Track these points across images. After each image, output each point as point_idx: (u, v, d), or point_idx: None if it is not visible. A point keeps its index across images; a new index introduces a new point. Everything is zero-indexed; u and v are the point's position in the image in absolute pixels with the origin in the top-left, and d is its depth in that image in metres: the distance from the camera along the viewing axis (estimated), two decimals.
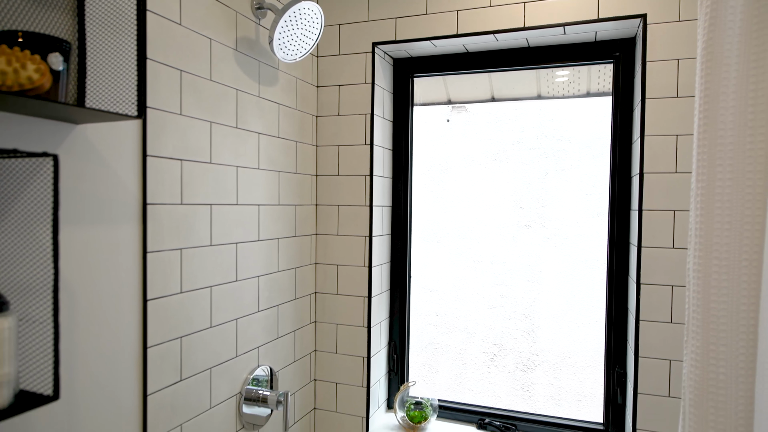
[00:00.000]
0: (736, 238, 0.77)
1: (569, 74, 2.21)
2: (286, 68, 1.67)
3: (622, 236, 1.70)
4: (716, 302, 0.78)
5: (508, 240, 2.61)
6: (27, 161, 0.84)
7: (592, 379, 2.23)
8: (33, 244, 0.86)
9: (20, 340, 0.81)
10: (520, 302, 2.58)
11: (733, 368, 0.78)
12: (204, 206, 1.32)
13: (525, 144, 2.63)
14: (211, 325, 1.35)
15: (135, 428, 1.14)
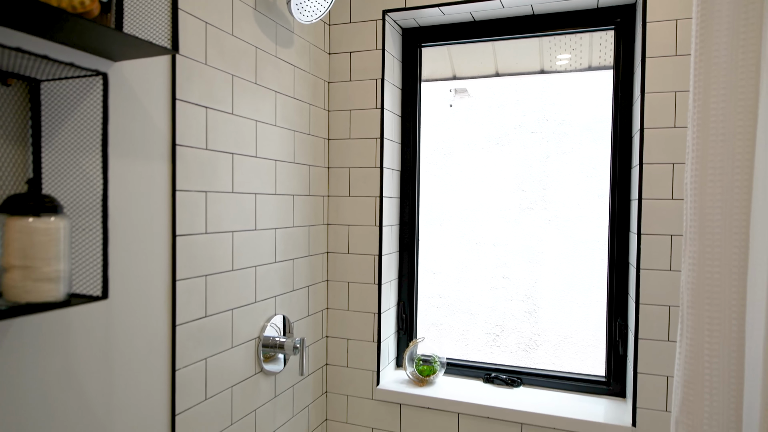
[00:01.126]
0: (729, 149, 0.84)
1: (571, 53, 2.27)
2: (301, 32, 1.74)
3: (624, 191, 1.77)
4: (711, 208, 0.85)
5: (510, 222, 2.65)
6: (77, 82, 0.91)
7: (593, 358, 2.29)
8: (83, 160, 0.93)
9: (72, 246, 0.88)
10: (522, 283, 2.62)
11: (727, 266, 0.85)
12: (226, 154, 1.39)
13: (527, 128, 2.68)
14: (232, 268, 1.43)
15: (165, 355, 1.21)
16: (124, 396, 1.11)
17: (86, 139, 0.93)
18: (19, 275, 0.78)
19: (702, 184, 0.86)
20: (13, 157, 0.87)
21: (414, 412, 1.87)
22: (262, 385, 1.58)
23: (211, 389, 1.36)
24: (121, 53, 0.99)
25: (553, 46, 2.36)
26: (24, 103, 0.89)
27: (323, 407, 1.97)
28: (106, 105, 0.87)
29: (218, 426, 1.39)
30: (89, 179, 0.93)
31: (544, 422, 1.68)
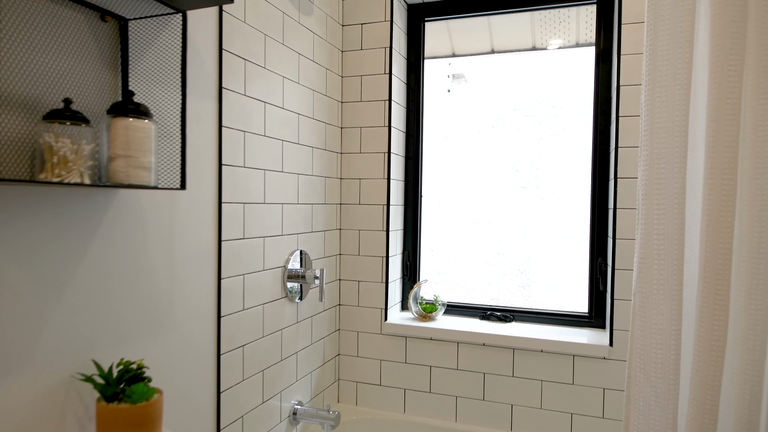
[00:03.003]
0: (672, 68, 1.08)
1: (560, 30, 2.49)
2: (319, 4, 1.97)
3: (605, 142, 2.00)
4: (659, 120, 1.09)
5: (505, 201, 2.84)
6: (155, 21, 1.14)
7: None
8: (159, 84, 1.16)
9: (158, 149, 1.11)
10: (516, 259, 2.81)
11: (671, 163, 1.09)
12: (259, 102, 1.62)
13: (521, 111, 2.89)
14: (264, 201, 1.65)
15: (213, 264, 1.44)
16: (181, 293, 1.33)
17: (162, 66, 1.16)
18: (122, 163, 1.00)
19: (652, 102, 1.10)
20: (109, 78, 1.10)
21: (418, 344, 2.10)
22: (287, 310, 1.81)
23: (247, 302, 1.58)
24: (187, 2, 1.21)
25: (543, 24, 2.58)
26: (116, 36, 1.12)
27: (336, 343, 2.20)
28: (185, 37, 1.10)
29: (253, 335, 1.61)
30: (166, 100, 1.15)
31: (534, 346, 1.92)
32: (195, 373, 1.39)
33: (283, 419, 1.80)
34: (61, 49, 1.00)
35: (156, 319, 1.25)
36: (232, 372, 1.52)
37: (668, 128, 1.08)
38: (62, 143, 0.92)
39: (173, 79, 1.16)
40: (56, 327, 1.02)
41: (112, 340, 1.14)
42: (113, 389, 1.03)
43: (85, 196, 1.06)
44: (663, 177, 1.10)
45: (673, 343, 1.13)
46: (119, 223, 1.14)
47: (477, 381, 2.02)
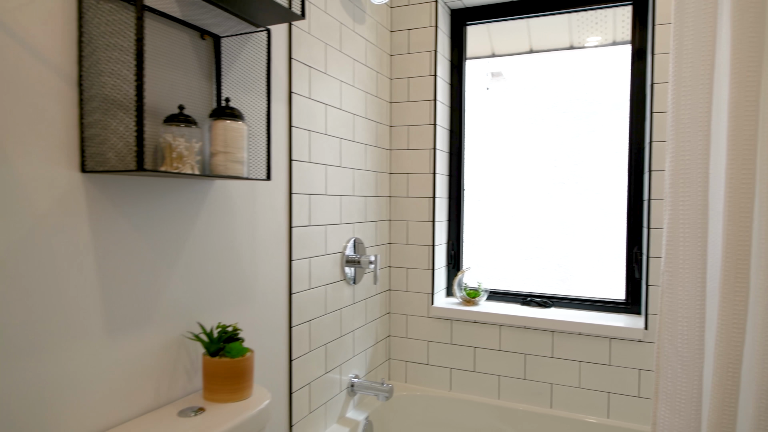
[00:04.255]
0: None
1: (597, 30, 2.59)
2: (371, 12, 2.15)
3: (640, 136, 2.11)
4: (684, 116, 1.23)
5: (543, 196, 2.94)
6: (241, 38, 1.34)
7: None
8: (244, 90, 1.36)
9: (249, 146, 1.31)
10: (555, 253, 2.91)
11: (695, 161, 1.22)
12: (321, 104, 1.81)
13: (559, 108, 2.97)
14: (326, 192, 1.85)
15: (285, 248, 1.64)
16: (261, 270, 1.54)
17: (247, 75, 1.36)
18: (222, 158, 1.21)
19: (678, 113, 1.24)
20: (207, 87, 1.31)
21: (463, 326, 2.26)
22: (345, 292, 2.00)
23: (313, 282, 1.78)
24: (265, 19, 1.41)
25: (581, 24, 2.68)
26: (211, 52, 1.33)
27: (387, 325, 2.38)
28: (269, 51, 1.30)
29: (317, 312, 1.82)
30: (251, 104, 1.36)
31: (572, 329, 2.05)
32: (272, 341, 1.60)
33: (343, 390, 2.00)
34: (173, 64, 1.21)
35: (242, 292, 1.47)
36: (301, 343, 1.73)
37: (692, 124, 1.21)
38: (178, 142, 1.13)
39: (257, 86, 1.37)
40: (170, 293, 1.24)
41: (210, 307, 1.35)
42: (216, 346, 1.24)
43: (192, 185, 1.28)
44: (688, 168, 1.23)
45: (698, 316, 1.26)
46: (215, 208, 1.36)
47: (518, 361, 2.16)
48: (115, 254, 1.10)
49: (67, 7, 0.99)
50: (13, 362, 0.92)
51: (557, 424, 2.07)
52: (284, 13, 1.33)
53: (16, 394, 0.92)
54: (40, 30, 0.94)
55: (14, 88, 0.91)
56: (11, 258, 0.91)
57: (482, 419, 2.18)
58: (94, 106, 1.03)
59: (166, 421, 1.13)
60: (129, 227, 1.13)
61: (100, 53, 1.03)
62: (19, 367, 0.93)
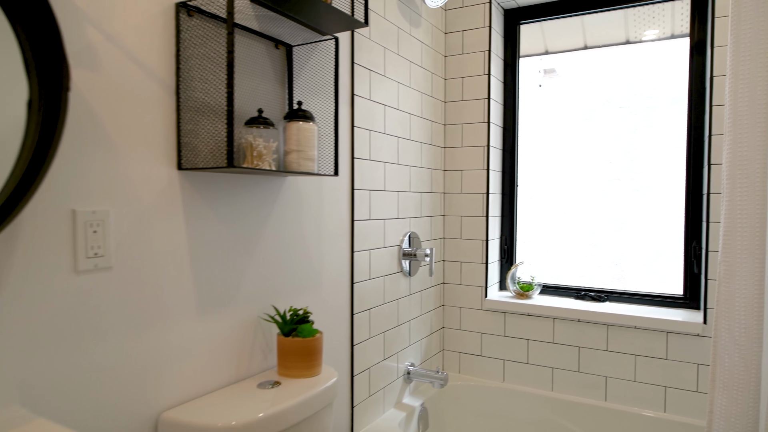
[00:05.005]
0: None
1: (655, 24, 2.56)
2: (426, 16, 2.24)
3: (699, 130, 2.10)
4: (742, 108, 1.25)
5: (598, 193, 2.90)
6: (310, 46, 1.46)
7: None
8: (315, 89, 1.48)
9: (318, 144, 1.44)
10: (610, 250, 2.88)
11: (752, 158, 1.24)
12: (380, 105, 1.92)
13: (614, 103, 2.94)
14: (384, 188, 1.95)
15: (347, 240, 1.76)
16: (326, 260, 1.66)
17: (315, 79, 1.48)
18: (295, 156, 1.33)
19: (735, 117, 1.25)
20: (280, 91, 1.44)
21: (516, 319, 2.31)
22: (402, 283, 2.10)
23: (372, 273, 1.89)
24: (332, 28, 1.53)
25: (637, 18, 2.65)
26: (284, 59, 1.46)
27: (441, 316, 2.47)
28: (337, 57, 1.41)
29: (375, 301, 1.92)
30: (319, 106, 1.48)
31: (627, 322, 2.07)
32: (336, 326, 1.72)
33: (399, 377, 2.10)
34: (252, 71, 1.35)
35: (310, 279, 1.59)
36: (361, 330, 1.84)
37: (750, 116, 1.23)
38: (258, 142, 1.26)
39: (325, 90, 1.49)
40: (249, 279, 1.37)
41: (283, 292, 1.49)
42: (289, 327, 1.37)
43: (268, 182, 1.41)
44: (746, 159, 1.25)
45: (756, 306, 1.27)
46: (286, 202, 1.49)
47: (572, 354, 2.20)
48: (204, 242, 1.24)
49: (167, 25, 1.13)
50: (131, 333, 1.07)
51: (612, 417, 2.09)
52: (349, 22, 1.44)
53: (132, 361, 1.07)
54: (146, 46, 1.09)
55: (127, 98, 1.06)
56: (125, 243, 1.06)
57: (536, 411, 2.22)
58: (188, 111, 1.17)
59: (248, 391, 1.26)
60: (215, 218, 1.27)
61: (192, 64, 1.17)
62: (134, 337, 1.08)
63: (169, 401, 1.16)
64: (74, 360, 0.98)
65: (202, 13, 1.19)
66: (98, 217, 1.00)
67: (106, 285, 1.03)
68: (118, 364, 1.05)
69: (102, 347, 1.02)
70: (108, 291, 1.03)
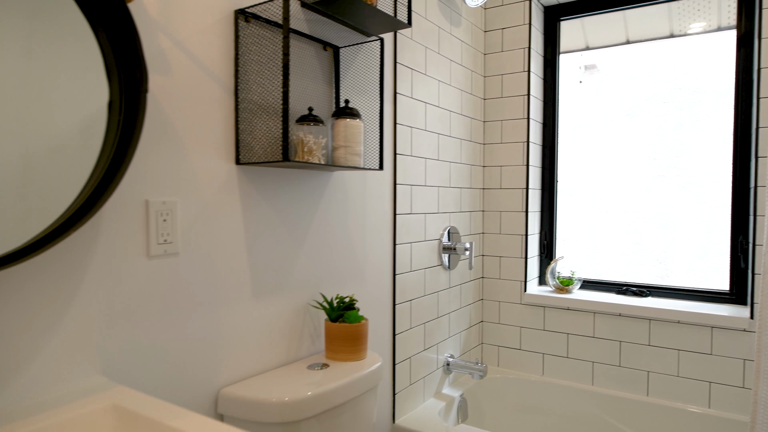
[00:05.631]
0: None
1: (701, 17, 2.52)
2: (466, 15, 2.29)
3: (746, 123, 2.06)
4: None
5: (640, 190, 2.86)
6: (355, 48, 1.54)
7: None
8: (361, 88, 1.56)
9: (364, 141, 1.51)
10: (654, 249, 2.84)
11: None
12: (421, 103, 1.98)
13: (659, 98, 2.89)
14: (425, 183, 2.01)
15: (389, 233, 1.83)
16: (370, 252, 1.74)
17: (360, 79, 1.56)
18: (342, 151, 1.41)
19: None
20: (328, 91, 1.52)
21: (555, 313, 2.33)
22: (441, 276, 2.15)
23: (414, 265, 1.96)
24: (376, 29, 1.60)
25: (682, 11, 2.61)
26: (331, 61, 1.54)
27: (480, 310, 2.50)
28: (382, 57, 1.48)
29: (416, 293, 1.99)
30: (365, 104, 1.55)
31: (670, 317, 2.06)
32: (379, 315, 1.79)
33: (439, 368, 2.16)
34: (303, 72, 1.43)
35: (355, 270, 1.67)
36: (403, 320, 1.90)
37: None
38: (308, 138, 1.34)
39: (369, 89, 1.56)
40: (299, 267, 1.46)
41: (329, 281, 1.57)
42: (336, 313, 1.44)
43: (317, 176, 1.50)
44: None
45: None
46: (333, 196, 1.57)
47: (613, 348, 2.20)
48: (258, 231, 1.33)
49: (227, 31, 1.23)
50: (195, 314, 1.17)
51: (655, 412, 2.08)
52: (392, 23, 1.50)
53: (196, 339, 1.18)
54: (209, 51, 1.19)
55: (193, 98, 1.16)
56: (190, 231, 1.16)
57: (576, 404, 2.24)
58: (245, 110, 1.27)
59: (298, 372, 1.35)
60: (269, 210, 1.36)
61: (249, 67, 1.26)
62: (198, 318, 1.18)
63: (227, 378, 1.26)
64: (147, 336, 1.08)
65: (258, 18, 1.28)
66: (167, 207, 1.10)
67: (174, 269, 1.13)
68: (184, 341, 1.16)
69: (171, 326, 1.13)
70: (175, 275, 1.13)
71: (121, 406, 0.86)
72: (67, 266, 0.95)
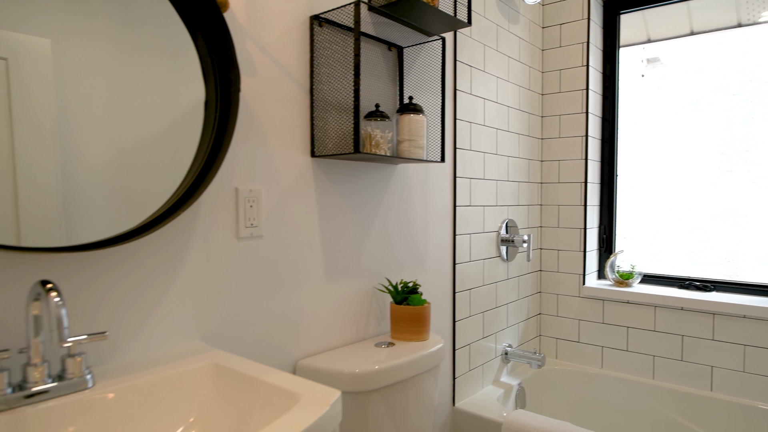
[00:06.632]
0: None
1: None
2: (524, 12, 2.33)
3: None
4: None
5: (707, 186, 2.78)
6: (417, 48, 1.63)
7: None
8: (423, 85, 1.65)
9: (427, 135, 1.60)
10: (722, 247, 2.76)
11: None
12: (480, 99, 2.05)
13: (727, 90, 2.80)
14: (484, 177, 2.08)
15: (449, 224, 1.91)
16: (431, 241, 1.83)
17: (422, 76, 1.65)
18: (407, 145, 1.50)
19: None
20: (392, 88, 1.62)
21: (615, 306, 2.33)
22: (499, 267, 2.21)
23: (472, 255, 2.03)
24: (438, 29, 1.68)
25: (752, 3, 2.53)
26: (396, 60, 1.64)
27: (537, 303, 2.54)
28: (444, 56, 1.57)
29: (475, 282, 2.05)
30: (427, 100, 1.64)
31: (736, 311, 2.02)
32: (440, 302, 1.88)
33: (497, 356, 2.22)
34: (370, 72, 1.54)
35: (417, 258, 1.76)
36: (462, 307, 1.98)
37: None
38: (375, 132, 1.45)
39: (431, 86, 1.65)
40: (366, 253, 1.57)
41: (393, 267, 1.67)
42: (401, 296, 1.54)
43: (383, 168, 1.60)
44: None
45: None
46: (396, 187, 1.67)
47: (675, 342, 2.18)
48: (330, 218, 1.45)
49: (303, 35, 1.35)
50: (277, 292, 1.30)
51: (720, 408, 2.05)
52: (453, 22, 1.59)
53: (277, 314, 1.31)
54: (288, 54, 1.32)
55: (274, 97, 1.29)
56: (272, 216, 1.29)
57: (637, 398, 2.23)
58: (319, 107, 1.39)
59: (367, 349, 1.46)
60: (339, 199, 1.48)
61: (322, 67, 1.38)
62: (279, 295, 1.31)
63: (303, 351, 1.38)
64: (237, 309, 1.22)
65: (330, 23, 1.39)
66: (254, 195, 1.24)
67: (259, 251, 1.26)
68: (267, 315, 1.29)
69: (256, 301, 1.26)
70: (260, 256, 1.27)
71: (220, 364, 0.99)
72: (173, 246, 1.09)
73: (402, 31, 1.60)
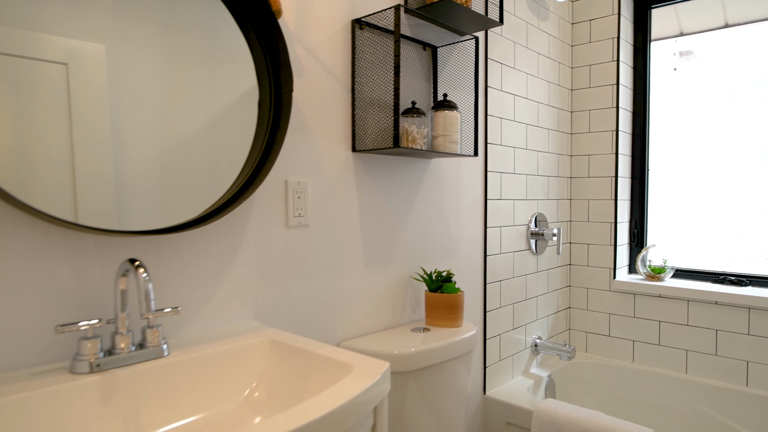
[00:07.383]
0: None
1: None
2: (553, 9, 2.37)
3: None
4: None
5: (744, 181, 2.76)
6: (450, 47, 1.70)
7: None
8: (456, 83, 1.72)
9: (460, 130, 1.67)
10: (760, 244, 2.73)
11: None
12: (510, 95, 2.10)
13: (764, 83, 2.78)
14: (514, 171, 2.13)
15: (480, 216, 1.97)
16: (463, 233, 1.89)
17: (455, 74, 1.72)
18: (441, 140, 1.58)
19: None
20: (427, 86, 1.70)
21: (646, 301, 2.35)
22: (529, 260, 2.26)
23: (503, 248, 2.08)
24: (470, 28, 1.75)
25: None
26: (430, 59, 1.71)
27: (567, 297, 2.57)
28: (477, 54, 1.63)
29: (505, 274, 2.11)
30: (460, 97, 1.71)
31: None
32: (472, 292, 1.94)
33: (527, 348, 2.27)
34: (406, 70, 1.62)
35: (449, 249, 1.83)
36: (493, 298, 2.04)
37: None
38: (412, 128, 1.52)
39: (464, 83, 1.71)
40: (402, 243, 1.65)
41: (427, 257, 1.74)
42: (435, 284, 1.62)
43: (418, 162, 1.68)
44: None
45: None
46: (431, 180, 1.74)
47: (708, 337, 2.19)
48: (369, 210, 1.53)
49: (345, 37, 1.44)
50: (322, 277, 1.39)
51: (756, 403, 2.05)
52: (485, 22, 1.65)
53: (323, 297, 1.40)
54: (332, 55, 1.40)
55: (319, 96, 1.38)
56: (318, 207, 1.38)
57: (669, 392, 2.25)
58: (359, 105, 1.47)
59: (403, 334, 1.53)
60: (377, 192, 1.56)
61: (362, 67, 1.47)
62: (324, 280, 1.40)
63: (345, 334, 1.47)
64: (286, 292, 1.31)
65: (371, 26, 1.48)
66: (301, 186, 1.33)
67: (306, 239, 1.35)
68: (313, 298, 1.38)
69: (304, 285, 1.35)
70: (307, 243, 1.36)
71: (275, 340, 1.08)
72: (231, 233, 1.19)
73: (436, 31, 1.67)
